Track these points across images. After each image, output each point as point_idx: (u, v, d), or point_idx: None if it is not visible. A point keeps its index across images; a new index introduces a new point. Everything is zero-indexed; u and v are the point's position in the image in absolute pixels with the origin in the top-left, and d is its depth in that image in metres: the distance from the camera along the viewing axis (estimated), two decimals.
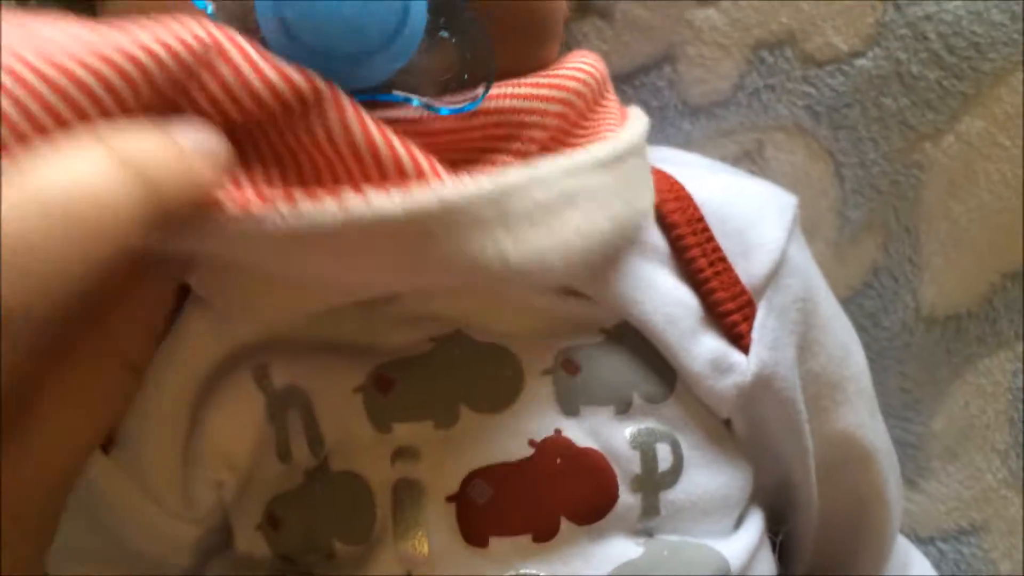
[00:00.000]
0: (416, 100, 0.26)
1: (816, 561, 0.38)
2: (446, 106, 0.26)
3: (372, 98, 0.26)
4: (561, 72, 0.30)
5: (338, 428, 0.29)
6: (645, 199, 0.31)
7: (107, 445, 0.32)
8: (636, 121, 0.32)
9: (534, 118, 0.28)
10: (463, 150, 0.27)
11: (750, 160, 0.41)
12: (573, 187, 0.27)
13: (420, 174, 0.25)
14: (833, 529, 0.37)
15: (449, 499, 0.28)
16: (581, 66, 0.31)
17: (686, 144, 0.41)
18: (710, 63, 0.40)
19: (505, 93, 0.28)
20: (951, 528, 0.44)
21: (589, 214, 0.28)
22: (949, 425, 0.44)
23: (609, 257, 0.30)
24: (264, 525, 0.30)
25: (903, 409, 0.44)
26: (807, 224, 0.37)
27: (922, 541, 0.44)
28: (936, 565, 0.43)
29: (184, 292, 0.32)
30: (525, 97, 0.28)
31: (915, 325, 0.43)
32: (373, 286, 0.28)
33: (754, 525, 0.33)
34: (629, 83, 0.40)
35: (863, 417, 0.36)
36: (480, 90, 0.27)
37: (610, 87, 0.33)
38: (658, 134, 0.41)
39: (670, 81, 0.41)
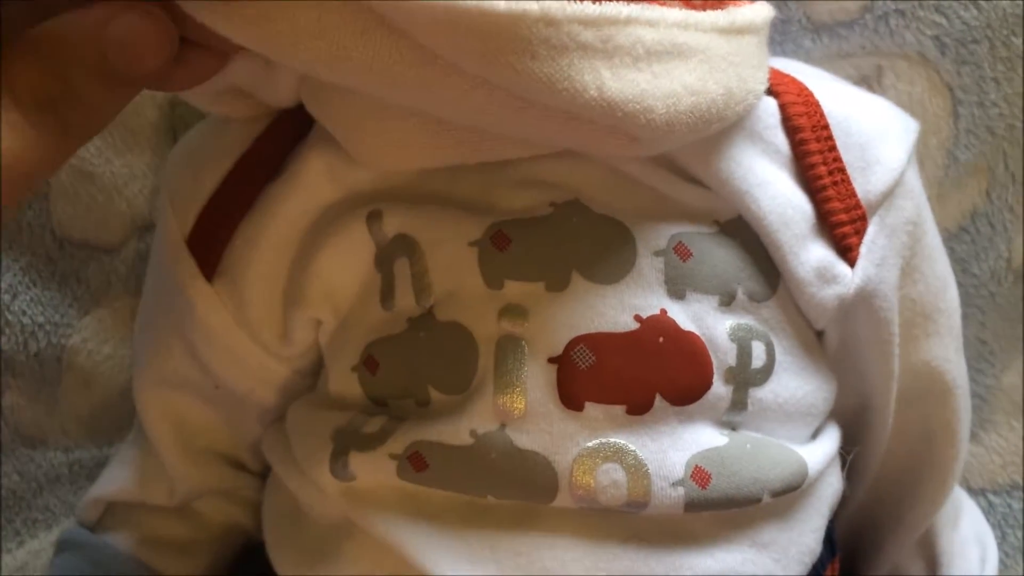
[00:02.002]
0: None
1: (876, 489, 0.38)
2: None
3: None
4: None
5: (449, 279, 0.30)
6: (759, 80, 0.31)
7: (211, 275, 0.33)
8: (762, 7, 0.32)
9: None
10: None
11: (867, 86, 0.40)
12: (685, 41, 0.27)
13: None
14: (899, 459, 0.37)
15: (551, 360, 0.29)
16: None
17: (804, 62, 0.40)
18: None
19: None
20: (1004, 482, 0.44)
21: (701, 75, 0.28)
22: (1019, 381, 0.43)
23: (723, 141, 0.30)
24: (360, 367, 0.31)
25: (977, 360, 0.43)
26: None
27: (973, 491, 0.44)
28: (983, 515, 0.43)
29: (303, 129, 0.33)
30: None
31: (1004, 276, 0.42)
32: (476, 109, 0.27)
33: (831, 438, 0.34)
34: None
35: (949, 352, 0.36)
36: None
37: None
38: (777, 48, 0.41)
39: None
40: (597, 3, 0.25)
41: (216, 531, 0.39)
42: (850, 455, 0.35)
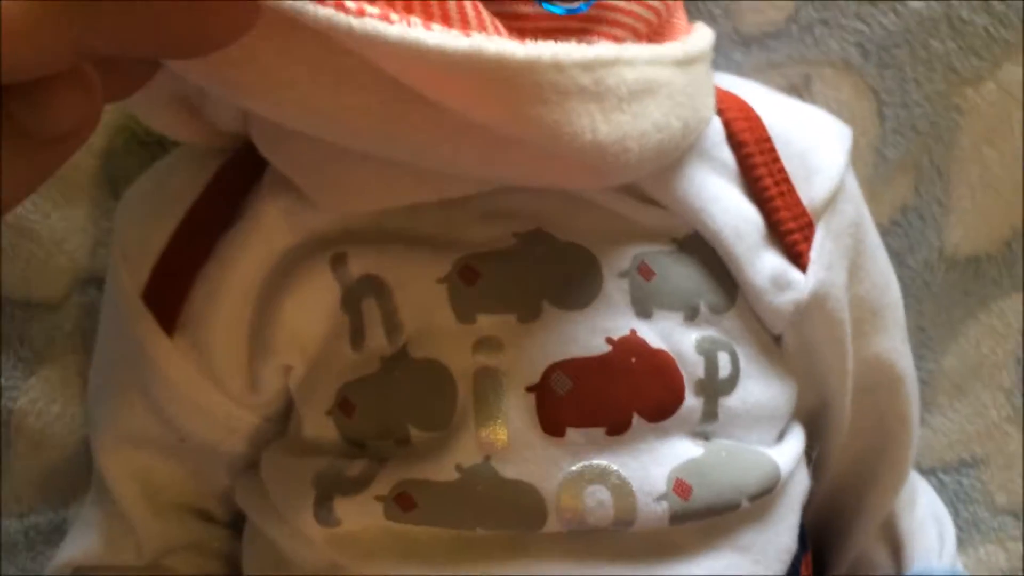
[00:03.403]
0: None
1: (837, 481, 0.40)
2: (559, 4, 0.27)
3: None
4: None
5: (419, 317, 0.30)
6: (708, 107, 0.32)
7: (170, 329, 0.32)
8: (704, 31, 0.33)
9: (627, 19, 0.29)
10: (557, 37, 0.28)
11: (797, 94, 0.42)
12: (655, 77, 0.28)
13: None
14: (857, 450, 0.39)
15: (529, 389, 0.29)
16: None
17: (736, 75, 0.41)
18: None
19: None
20: (952, 460, 0.46)
21: (664, 109, 0.29)
22: (959, 363, 0.46)
23: (676, 162, 0.31)
24: (335, 410, 0.31)
25: (917, 347, 0.45)
26: None
27: (923, 472, 0.46)
28: (936, 494, 0.45)
29: (255, 173, 0.33)
30: None
31: (937, 265, 0.44)
32: (444, 158, 0.27)
33: (797, 438, 0.35)
34: (684, 9, 0.41)
35: (897, 343, 0.37)
36: None
37: (680, 4, 0.34)
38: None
39: (725, 10, 0.41)
40: (589, 46, 0.26)
41: None
42: (814, 452, 0.36)
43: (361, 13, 0.23)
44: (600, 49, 0.26)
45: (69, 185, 0.41)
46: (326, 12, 0.23)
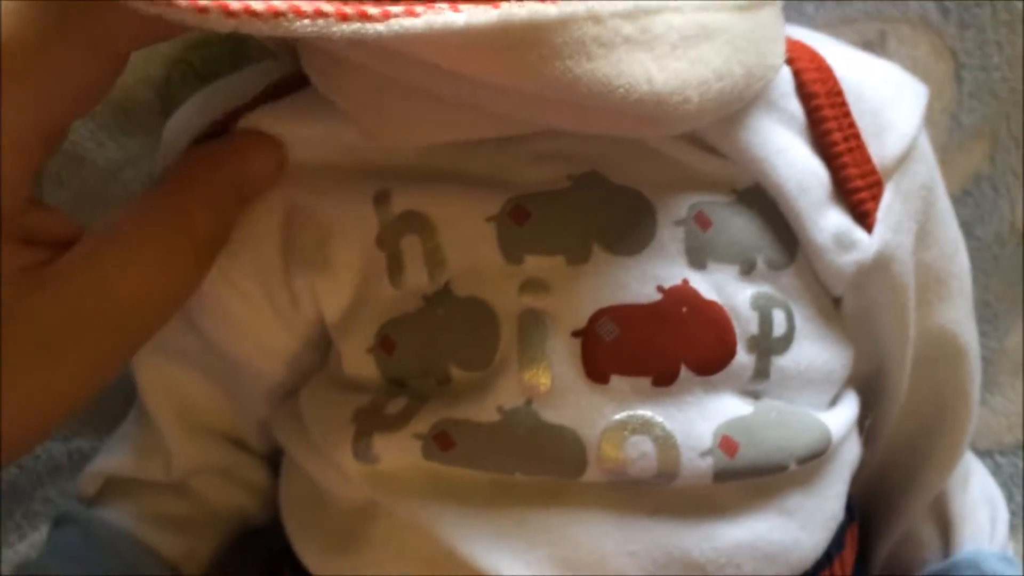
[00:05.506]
0: None
1: (890, 454, 0.38)
2: None
3: None
4: None
5: (466, 255, 0.29)
6: (776, 55, 0.31)
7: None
8: None
9: None
10: None
11: (871, 51, 0.40)
12: (709, 22, 0.27)
13: None
14: (913, 423, 0.37)
15: (575, 334, 0.29)
16: None
17: (808, 29, 0.40)
18: None
19: None
20: (1010, 442, 0.45)
21: (725, 55, 0.28)
22: (1022, 343, 0.44)
23: (741, 111, 0.30)
24: (376, 348, 0.31)
25: (981, 323, 0.43)
26: None
27: (980, 453, 0.44)
28: (991, 476, 0.43)
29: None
30: None
31: (1008, 238, 0.43)
32: (525, 108, 0.27)
33: (850, 404, 0.34)
34: None
35: (962, 316, 0.36)
36: None
37: None
38: None
39: None
40: None
41: (214, 509, 0.38)
42: (867, 421, 0.35)
43: (386, 16, 0.23)
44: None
45: (125, 115, 0.41)
46: (352, 28, 0.23)
